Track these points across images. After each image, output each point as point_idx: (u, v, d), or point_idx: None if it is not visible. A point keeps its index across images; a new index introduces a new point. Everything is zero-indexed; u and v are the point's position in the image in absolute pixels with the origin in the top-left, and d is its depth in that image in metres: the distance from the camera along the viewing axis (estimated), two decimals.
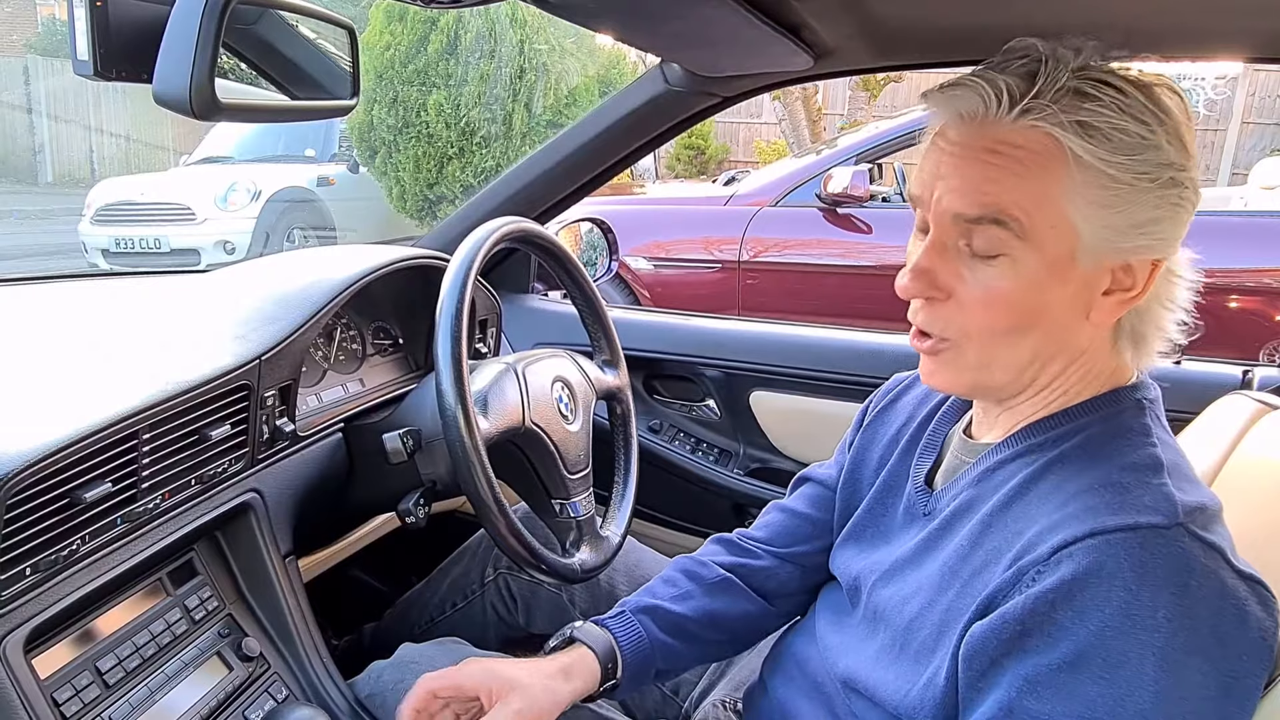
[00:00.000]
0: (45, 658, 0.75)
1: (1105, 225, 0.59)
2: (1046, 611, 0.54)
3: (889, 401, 0.85)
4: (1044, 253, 0.59)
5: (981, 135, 0.60)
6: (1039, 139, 0.58)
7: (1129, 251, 0.60)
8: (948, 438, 0.76)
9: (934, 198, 0.62)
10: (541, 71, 6.88)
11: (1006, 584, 0.57)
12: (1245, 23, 0.90)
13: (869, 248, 3.44)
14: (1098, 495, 0.57)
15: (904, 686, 0.64)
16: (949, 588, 0.63)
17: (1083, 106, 0.57)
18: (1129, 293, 0.61)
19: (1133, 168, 0.58)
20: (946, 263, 0.62)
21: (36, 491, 0.69)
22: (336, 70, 0.85)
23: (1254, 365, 1.21)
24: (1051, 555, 0.55)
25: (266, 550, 0.93)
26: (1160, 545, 0.53)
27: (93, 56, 0.63)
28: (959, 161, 0.61)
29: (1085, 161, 0.57)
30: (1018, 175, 0.58)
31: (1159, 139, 0.58)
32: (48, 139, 10.20)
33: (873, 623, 0.71)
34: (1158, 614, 0.52)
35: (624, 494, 1.13)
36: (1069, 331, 0.63)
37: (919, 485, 0.74)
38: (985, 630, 0.57)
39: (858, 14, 0.96)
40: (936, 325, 0.64)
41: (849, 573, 0.78)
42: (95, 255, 6.33)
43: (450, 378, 0.87)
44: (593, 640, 0.79)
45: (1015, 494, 0.63)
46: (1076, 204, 0.58)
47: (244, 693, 0.87)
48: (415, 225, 7.08)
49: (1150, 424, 0.63)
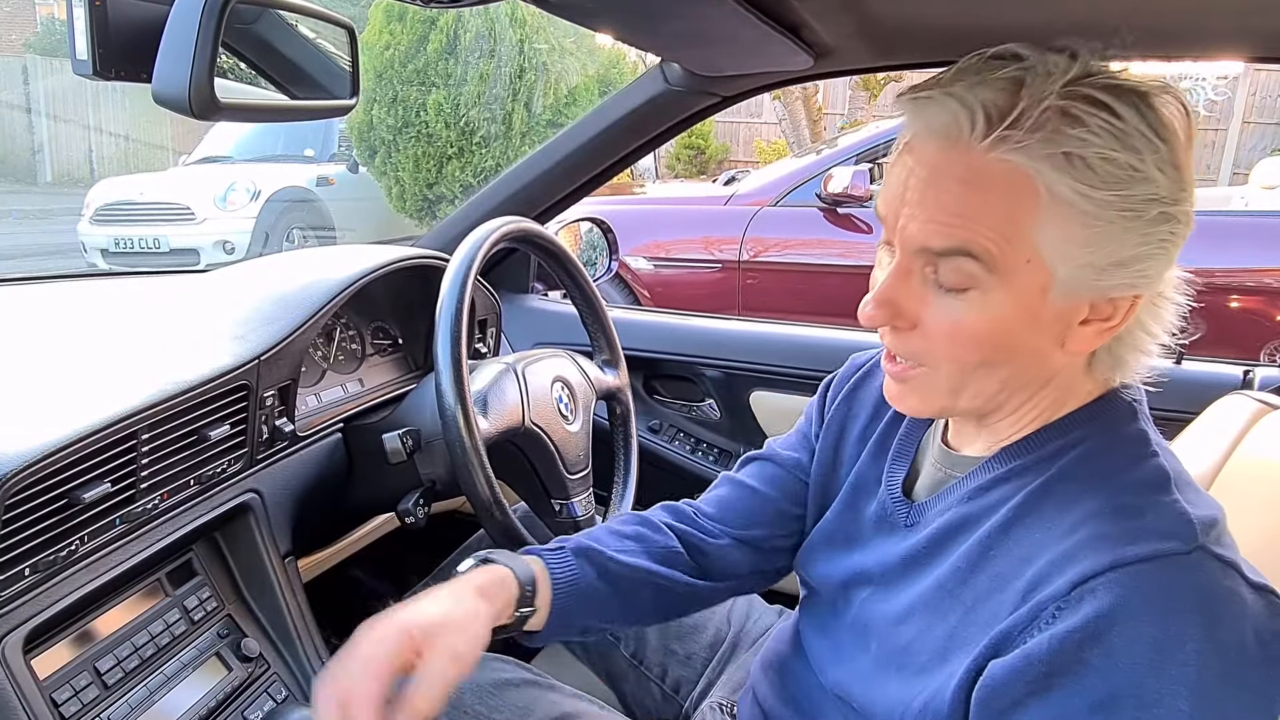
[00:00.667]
0: (44, 658, 0.75)
1: (1083, 264, 0.55)
2: (1074, 651, 0.52)
3: (850, 389, 0.82)
4: (1015, 288, 0.55)
5: (952, 160, 0.55)
6: (1013, 171, 0.53)
7: (1109, 289, 0.56)
8: (922, 443, 0.73)
9: (899, 225, 0.58)
10: (541, 71, 6.88)
11: (1023, 620, 0.55)
12: (1246, 22, 0.90)
13: (869, 248, 3.44)
14: (1110, 521, 0.55)
15: (898, 708, 0.62)
16: (949, 612, 0.61)
17: (1068, 133, 0.52)
18: (1107, 323, 0.58)
19: (1116, 204, 0.53)
20: (911, 290, 0.58)
21: (35, 492, 0.69)
22: (336, 70, 0.85)
23: (1255, 365, 1.21)
24: (1071, 590, 0.53)
25: (266, 550, 0.93)
26: (1184, 574, 0.52)
27: (92, 56, 0.62)
28: (927, 187, 0.56)
29: (1063, 198, 0.53)
30: (988, 207, 0.54)
31: (1149, 170, 0.53)
32: (47, 138, 10.19)
33: (863, 636, 0.69)
34: (1187, 647, 0.50)
35: (624, 494, 1.13)
36: (1041, 360, 0.59)
37: (895, 494, 0.71)
38: (1007, 671, 0.54)
39: (858, 13, 0.96)
40: (904, 350, 0.61)
41: (827, 578, 0.75)
42: (94, 255, 6.32)
43: (450, 378, 0.87)
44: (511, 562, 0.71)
45: (1015, 516, 0.60)
46: (1052, 241, 0.54)
47: (243, 693, 0.87)
48: (415, 225, 7.08)
49: (1146, 430, 0.61)
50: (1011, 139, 0.53)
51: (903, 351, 0.62)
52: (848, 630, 0.72)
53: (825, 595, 0.77)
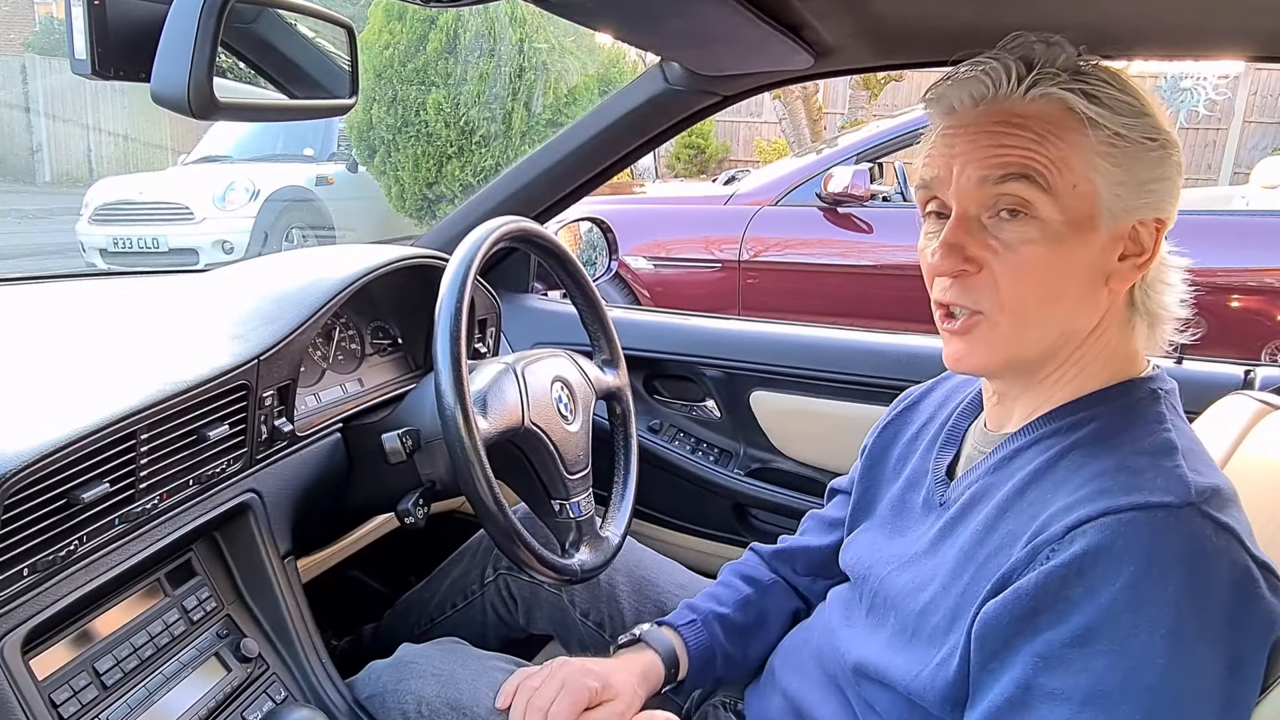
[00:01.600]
0: (43, 659, 0.74)
1: (1118, 183, 0.62)
2: (1058, 588, 0.55)
3: (907, 405, 0.88)
4: (1068, 211, 0.62)
5: (994, 111, 0.63)
6: (1050, 107, 0.62)
7: (1139, 209, 0.63)
8: (967, 431, 0.77)
9: (954, 173, 0.64)
10: (541, 70, 6.88)
11: (1021, 562, 0.58)
12: (1247, 21, 0.90)
13: (870, 247, 3.44)
14: (1111, 478, 0.58)
15: (914, 668, 0.64)
16: (964, 572, 0.64)
17: (1084, 80, 0.62)
18: (1141, 256, 0.64)
19: (1137, 129, 0.62)
20: (974, 235, 0.64)
21: (34, 492, 0.69)
22: (335, 69, 0.85)
23: (1256, 365, 1.21)
24: (1065, 534, 0.56)
25: (265, 551, 0.93)
26: (1171, 524, 0.54)
27: (90, 55, 0.62)
28: (975, 136, 0.63)
29: (1097, 122, 0.61)
30: (1036, 140, 0.61)
31: (1149, 109, 0.63)
32: (45, 138, 10.18)
33: (883, 612, 0.72)
34: (1168, 590, 0.52)
35: (624, 494, 1.12)
36: (1091, 302, 0.65)
37: (939, 477, 0.75)
38: (998, 607, 0.58)
39: (858, 13, 0.96)
40: (969, 298, 0.65)
41: (861, 564, 0.79)
42: (93, 255, 6.32)
43: (449, 378, 0.87)
44: (658, 643, 0.86)
45: (1030, 480, 0.64)
46: (1094, 163, 0.61)
47: (242, 694, 0.87)
48: (414, 224, 7.07)
49: (1165, 411, 0.65)
50: (1043, 80, 0.62)
51: (968, 299, 0.65)
52: (871, 609, 0.75)
53: (856, 580, 0.80)
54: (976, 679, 0.59)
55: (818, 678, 0.78)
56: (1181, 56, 0.99)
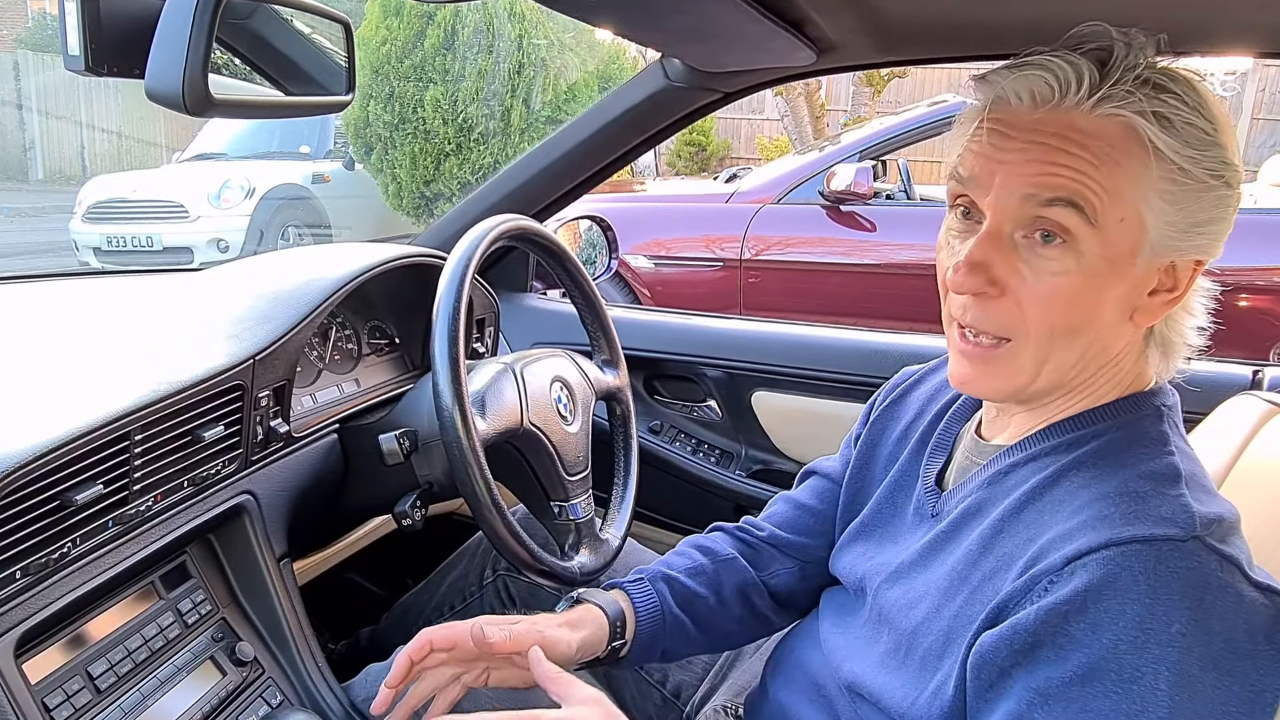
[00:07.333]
0: (36, 662, 0.74)
1: (1170, 222, 0.58)
2: (1059, 623, 0.53)
3: (896, 396, 0.84)
4: (1109, 247, 0.57)
5: (1053, 120, 0.57)
6: (1116, 129, 0.56)
7: (1184, 250, 0.59)
8: (959, 437, 0.75)
9: (996, 181, 0.59)
10: (540, 67, 6.86)
11: (1018, 592, 0.56)
12: (1255, 17, 0.90)
13: (873, 246, 3.42)
14: (1113, 504, 0.56)
15: (910, 694, 0.63)
16: (957, 593, 0.62)
17: (1158, 98, 0.56)
18: (1172, 293, 0.61)
19: (1202, 163, 0.57)
20: (1003, 256, 0.59)
21: (27, 494, 0.68)
22: (332, 65, 0.84)
23: (1264, 365, 1.20)
24: (1065, 565, 0.54)
25: (260, 553, 0.92)
26: (1176, 558, 0.52)
27: (84, 51, 0.61)
28: (1028, 145, 0.58)
29: (1163, 155, 0.56)
30: (1093, 165, 0.56)
31: (1219, 137, 0.58)
32: (38, 135, 10.15)
33: (877, 625, 0.70)
34: (1172, 628, 0.51)
35: (624, 496, 1.12)
36: (1113, 334, 0.61)
37: (929, 486, 0.73)
38: (995, 640, 0.56)
39: (861, 8, 0.95)
40: (994, 324, 0.61)
41: (854, 573, 0.77)
42: (87, 253, 6.30)
43: (447, 378, 0.86)
44: (600, 599, 0.80)
45: (1028, 499, 0.61)
46: (1148, 198, 0.57)
47: (238, 698, 0.86)
48: (412, 223, 7.06)
49: (1169, 432, 0.62)
50: (1114, 97, 0.56)
51: (989, 324, 0.61)
52: (865, 622, 0.73)
53: (851, 589, 0.78)
54: (973, 707, 0.58)
55: (806, 689, 0.76)
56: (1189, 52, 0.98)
